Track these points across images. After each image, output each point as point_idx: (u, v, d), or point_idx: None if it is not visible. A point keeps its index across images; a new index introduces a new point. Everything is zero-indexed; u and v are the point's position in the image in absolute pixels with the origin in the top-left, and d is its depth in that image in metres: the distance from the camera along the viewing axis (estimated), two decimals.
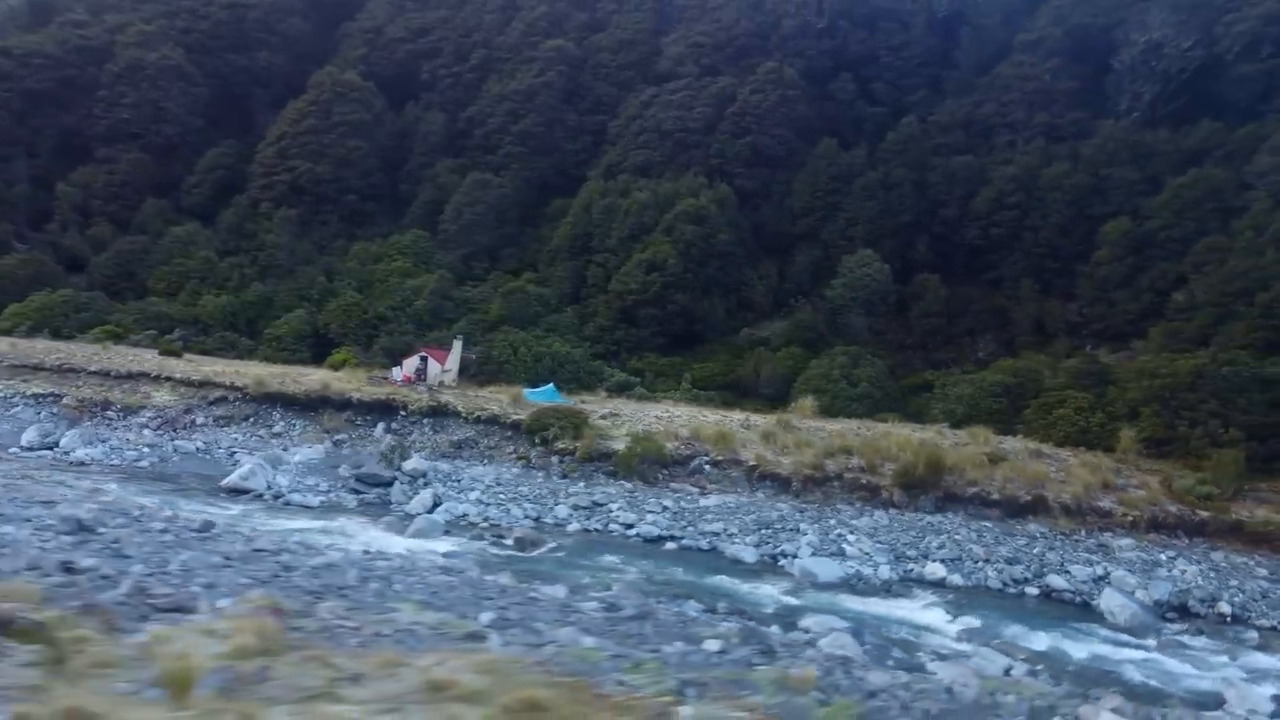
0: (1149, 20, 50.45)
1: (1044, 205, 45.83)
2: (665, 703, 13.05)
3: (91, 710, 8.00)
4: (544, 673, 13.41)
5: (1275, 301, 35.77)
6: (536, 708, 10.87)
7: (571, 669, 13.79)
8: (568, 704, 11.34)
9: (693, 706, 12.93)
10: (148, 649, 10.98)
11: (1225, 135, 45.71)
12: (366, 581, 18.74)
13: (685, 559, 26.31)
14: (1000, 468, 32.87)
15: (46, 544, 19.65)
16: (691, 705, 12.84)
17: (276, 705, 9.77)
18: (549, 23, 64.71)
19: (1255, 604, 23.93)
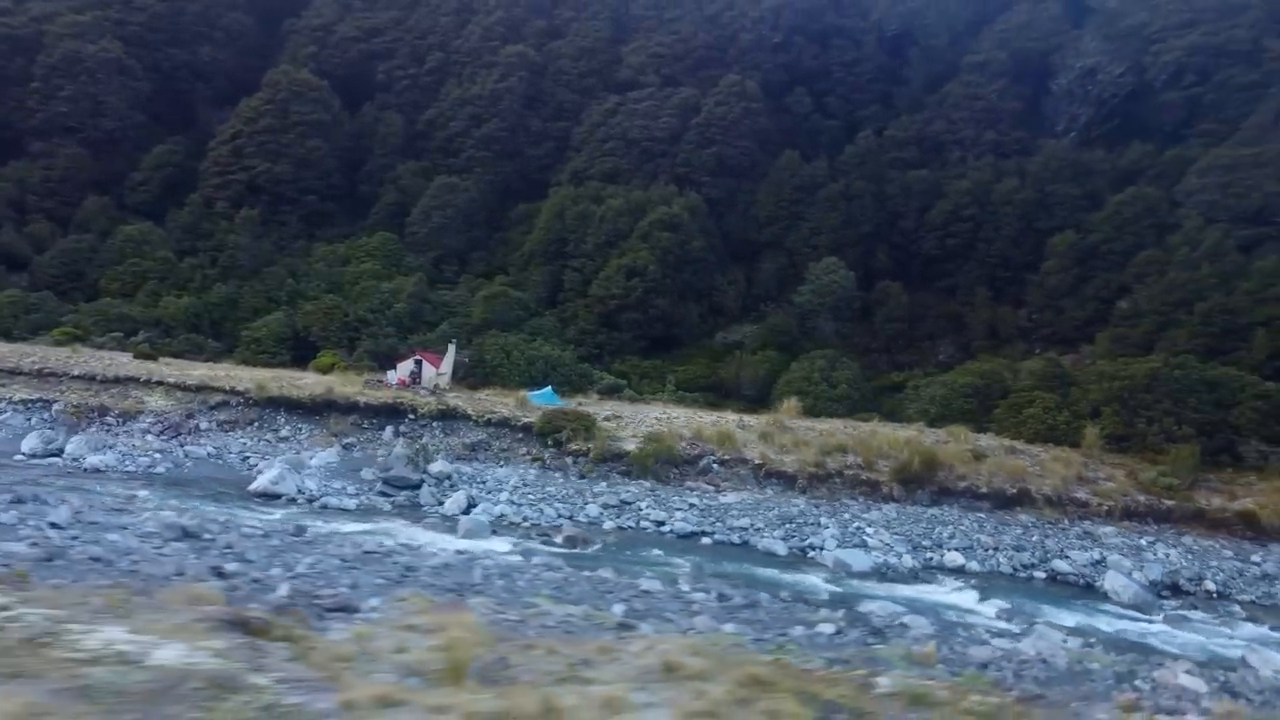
0: (1083, 47, 54.66)
1: (996, 218, 49.30)
2: (863, 675, 15.03)
3: (398, 697, 9.62)
4: (739, 654, 15.31)
5: (1213, 311, 39.77)
6: (761, 683, 12.76)
7: (734, 652, 15.60)
8: (785, 679, 13.29)
9: (888, 677, 14.87)
10: (364, 644, 12.39)
11: (1155, 157, 50.04)
12: (490, 579, 20.04)
13: (723, 553, 28.08)
14: (984, 463, 35.76)
15: (162, 550, 20.38)
16: (887, 676, 14.77)
17: (542, 688, 11.44)
18: (506, 28, 65.44)
19: (1234, 581, 27.15)
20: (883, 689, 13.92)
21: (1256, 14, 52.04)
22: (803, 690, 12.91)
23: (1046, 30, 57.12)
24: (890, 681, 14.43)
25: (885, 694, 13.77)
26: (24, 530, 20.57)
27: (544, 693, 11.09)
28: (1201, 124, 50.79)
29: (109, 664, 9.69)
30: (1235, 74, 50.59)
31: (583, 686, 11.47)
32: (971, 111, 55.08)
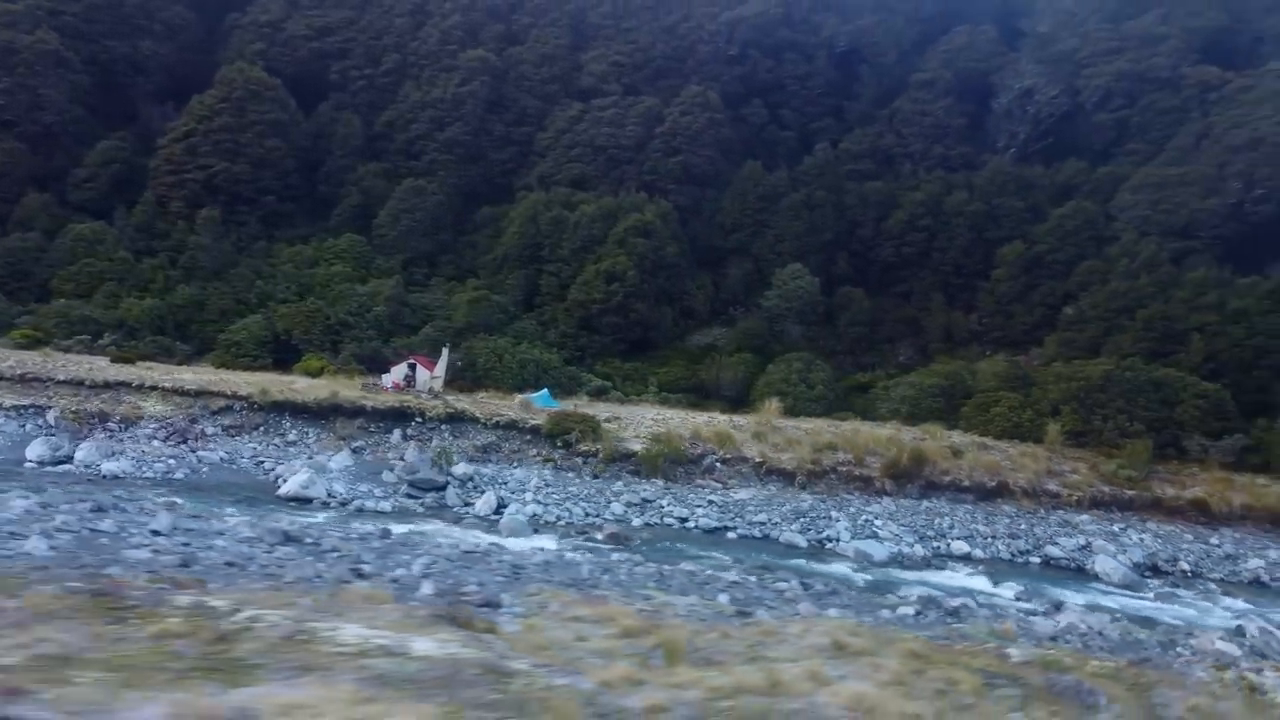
0: (1020, 69, 58.69)
1: (948, 229, 52.66)
2: (991, 648, 17.36)
3: (640, 677, 11.61)
4: (889, 633, 17.54)
5: (1153, 317, 43.75)
6: (919, 657, 15.02)
7: (884, 632, 17.79)
8: (936, 653, 15.56)
9: (1016, 647, 17.19)
10: (544, 634, 14.19)
11: (1089, 173, 54.26)
12: (597, 574, 21.52)
13: (751, 546, 30.06)
14: (963, 459, 38.73)
15: (273, 553, 21.24)
16: (1015, 646, 17.11)
17: (739, 666, 13.50)
18: (464, 32, 65.93)
19: (1204, 562, 30.55)
20: (1016, 658, 16.42)
21: (1175, 44, 56.89)
22: (954, 662, 15.31)
23: (986, 52, 61.05)
24: (1019, 652, 16.91)
25: (1021, 662, 16.24)
26: (134, 538, 21.11)
27: (764, 668, 13.15)
28: (1129, 144, 55.32)
29: (380, 656, 11.39)
30: (1159, 99, 55.29)
31: (771, 664, 13.55)
32: (921, 127, 58.54)
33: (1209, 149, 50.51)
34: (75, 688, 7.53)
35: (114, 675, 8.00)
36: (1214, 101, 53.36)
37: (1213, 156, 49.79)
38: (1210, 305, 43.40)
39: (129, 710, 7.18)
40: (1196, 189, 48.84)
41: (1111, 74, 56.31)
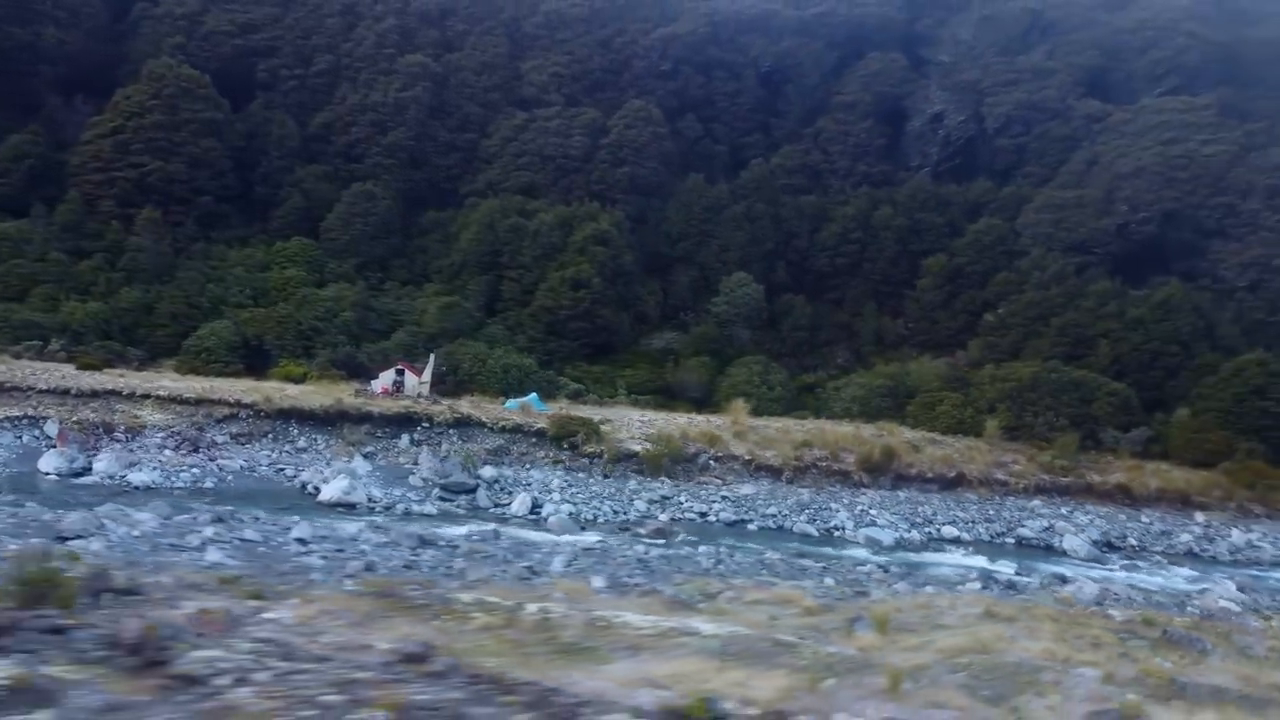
0: (931, 95, 64.36)
1: (877, 241, 57.53)
2: (1093, 611, 21.30)
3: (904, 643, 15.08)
4: (1019, 603, 21.23)
5: (1066, 325, 49.74)
6: (1055, 620, 18.89)
7: (1016, 601, 21.40)
8: (1063, 617, 19.47)
9: (1115, 609, 21.08)
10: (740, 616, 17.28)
11: (995, 193, 60.35)
12: (717, 564, 24.18)
13: (770, 536, 33.21)
14: (923, 453, 43.22)
15: (420, 555, 23.00)
16: (1114, 609, 20.97)
17: (936, 631, 17.07)
18: (400, 35, 66.16)
19: (1145, 537, 35.90)
20: (1120, 618, 20.42)
21: (1062, 78, 63.87)
22: (1082, 623, 19.32)
23: (898, 78, 66.44)
24: (1118, 613, 20.93)
25: (1125, 621, 20.26)
26: (288, 547, 22.32)
27: (964, 633, 16.79)
28: (1028, 167, 61.84)
29: (679, 635, 14.47)
30: (1051, 127, 62.02)
31: (964, 630, 17.17)
32: (845, 146, 63.33)
33: (1099, 174, 57.33)
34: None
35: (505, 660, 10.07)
36: (1099, 131, 60.46)
37: (1102, 182, 56.59)
38: (1112, 314, 49.71)
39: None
40: (1091, 210, 55.45)
41: (1011, 103, 62.73)
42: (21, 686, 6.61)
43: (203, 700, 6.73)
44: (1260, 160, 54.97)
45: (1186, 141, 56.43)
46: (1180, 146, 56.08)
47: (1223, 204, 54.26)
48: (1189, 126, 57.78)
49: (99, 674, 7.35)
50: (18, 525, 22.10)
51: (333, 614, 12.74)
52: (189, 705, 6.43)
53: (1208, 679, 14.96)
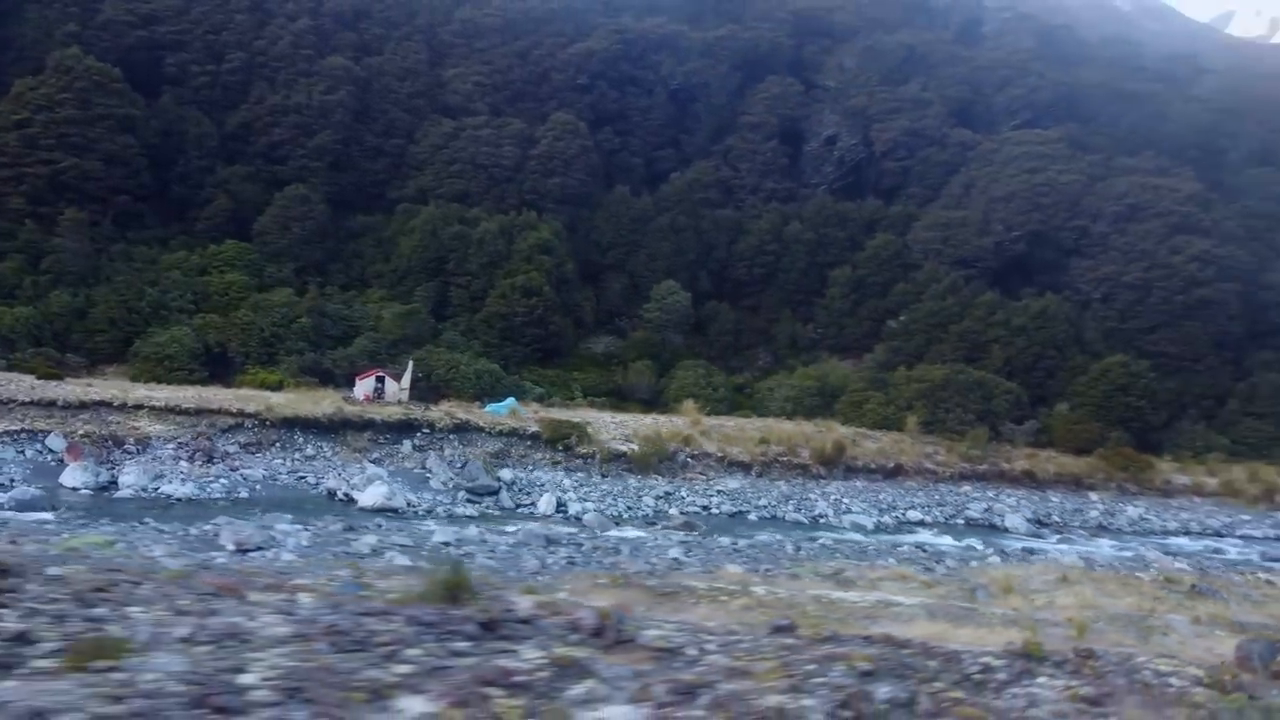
0: (825, 119, 70.57)
1: (789, 253, 62.97)
2: (1130, 574, 26.92)
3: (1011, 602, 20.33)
4: (1083, 570, 26.50)
5: (964, 331, 56.84)
6: (1108, 580, 24.54)
7: (1078, 569, 26.54)
8: (1119, 579, 25.18)
9: (1142, 572, 26.70)
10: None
11: (885, 211, 67.20)
12: (799, 552, 28.04)
13: (770, 525, 37.33)
14: (863, 447, 48.68)
15: (555, 554, 25.87)
16: (1144, 573, 26.61)
17: (1043, 593, 22.35)
18: (317, 36, 65.67)
19: (1064, 515, 42.61)
20: (1147, 578, 26.20)
21: (938, 108, 71.68)
22: (1127, 583, 25.11)
23: (795, 102, 72.24)
24: (1145, 575, 26.72)
25: (1151, 581, 26.06)
26: (442, 550, 24.45)
27: (1067, 593, 22.20)
28: (912, 188, 69.13)
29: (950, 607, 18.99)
30: (931, 153, 69.59)
31: (1063, 591, 22.41)
32: (753, 164, 68.45)
33: (976, 197, 65.17)
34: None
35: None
36: (972, 159, 68.50)
37: (980, 204, 64.43)
38: (1000, 322, 57.18)
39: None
40: (972, 229, 63.08)
41: (895, 130, 69.83)
42: (563, 663, 9.13)
43: (693, 665, 9.62)
44: (1105, 189, 64.30)
45: (1046, 170, 65.10)
46: (1041, 175, 64.66)
47: (1078, 226, 63.16)
48: (1045, 157, 66.60)
49: (593, 651, 10.29)
50: (183, 542, 23.19)
51: (636, 601, 15.97)
52: (692, 668, 9.29)
53: (1249, 618, 20.27)
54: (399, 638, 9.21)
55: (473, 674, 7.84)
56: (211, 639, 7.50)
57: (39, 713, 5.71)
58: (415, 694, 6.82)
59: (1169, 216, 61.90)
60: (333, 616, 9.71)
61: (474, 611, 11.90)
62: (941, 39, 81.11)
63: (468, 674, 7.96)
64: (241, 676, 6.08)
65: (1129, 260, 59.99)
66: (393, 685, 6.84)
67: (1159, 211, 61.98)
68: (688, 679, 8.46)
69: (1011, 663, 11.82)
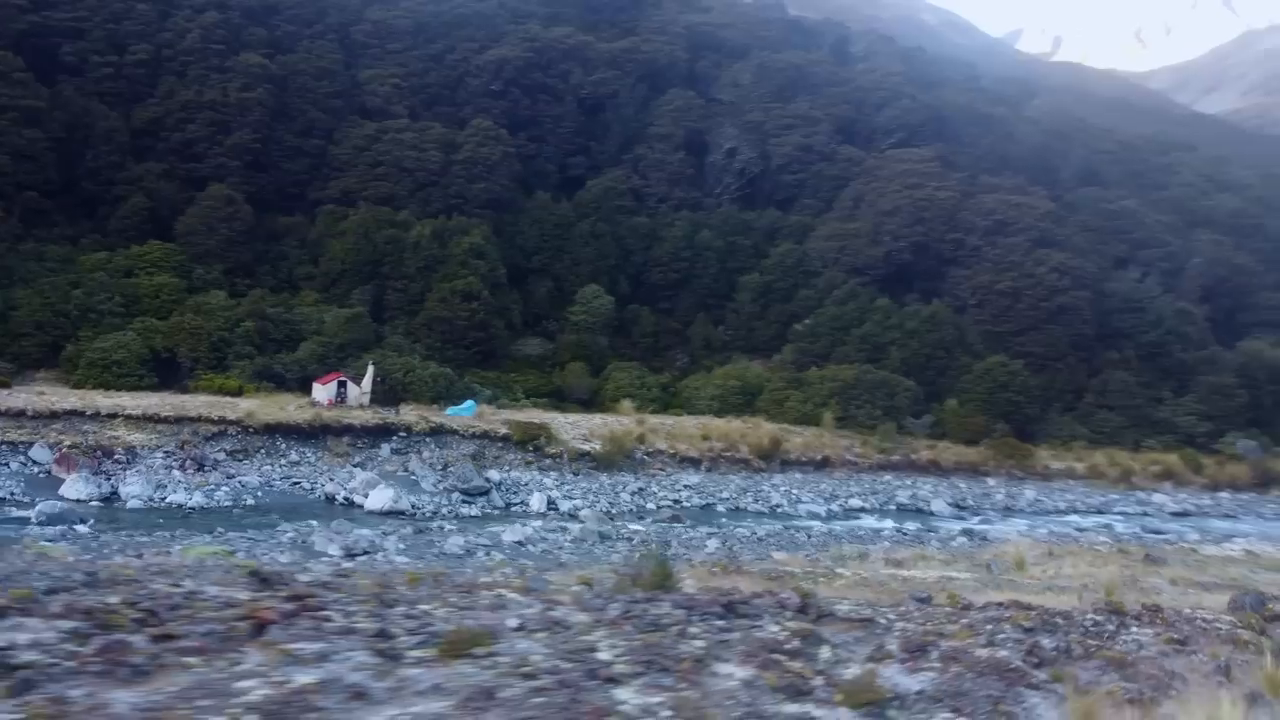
0: (725, 133, 74.89)
1: (702, 260, 66.92)
2: (1084, 546, 32.46)
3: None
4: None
5: (866, 334, 62.40)
6: (1100, 556, 29.96)
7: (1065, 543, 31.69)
8: (1083, 550, 30.75)
9: (1108, 541, 32.09)
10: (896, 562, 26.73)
11: (784, 221, 72.19)
12: (809, 539, 31.70)
13: (739, 515, 40.94)
14: (791, 441, 53.07)
15: (614, 546, 28.60)
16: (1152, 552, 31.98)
17: (1046, 566, 27.66)
18: (227, 31, 64.06)
19: (976, 499, 48.31)
20: (1105, 549, 31.83)
21: (826, 125, 77.45)
22: (1100, 555, 30.64)
23: (698, 114, 76.15)
24: (1104, 547, 32.33)
25: (1115, 552, 31.40)
26: (538, 546, 26.74)
27: (1068, 566, 27.57)
28: (806, 200, 74.48)
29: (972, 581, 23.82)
30: (823, 168, 75.20)
31: (1044, 565, 27.63)
32: (663, 173, 71.89)
33: (866, 210, 71.15)
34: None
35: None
36: (859, 173, 74.55)
37: (870, 217, 70.42)
38: (895, 326, 63.14)
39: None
40: (864, 239, 68.99)
41: (790, 144, 75.01)
42: (802, 634, 12.54)
43: (890, 631, 13.32)
44: (975, 205, 71.67)
45: (924, 187, 71.84)
46: (921, 191, 71.33)
47: (954, 239, 70.18)
48: (923, 174, 73.41)
49: (810, 624, 13.81)
50: (282, 548, 24.46)
51: (761, 585, 19.28)
52: (890, 633, 13.02)
53: (1206, 579, 25.42)
54: (676, 620, 12.25)
55: (751, 645, 10.86)
56: (539, 627, 10.33)
57: (487, 691, 8.35)
58: (724, 662, 9.81)
59: (1030, 231, 69.82)
60: (616, 606, 12.75)
61: (716, 596, 15.18)
62: (822, 60, 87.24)
63: (746, 645, 10.97)
64: (598, 654, 8.69)
65: (999, 270, 67.33)
66: (702, 656, 9.75)
67: (1022, 226, 69.81)
68: (914, 640, 11.84)
69: (1109, 618, 15.82)
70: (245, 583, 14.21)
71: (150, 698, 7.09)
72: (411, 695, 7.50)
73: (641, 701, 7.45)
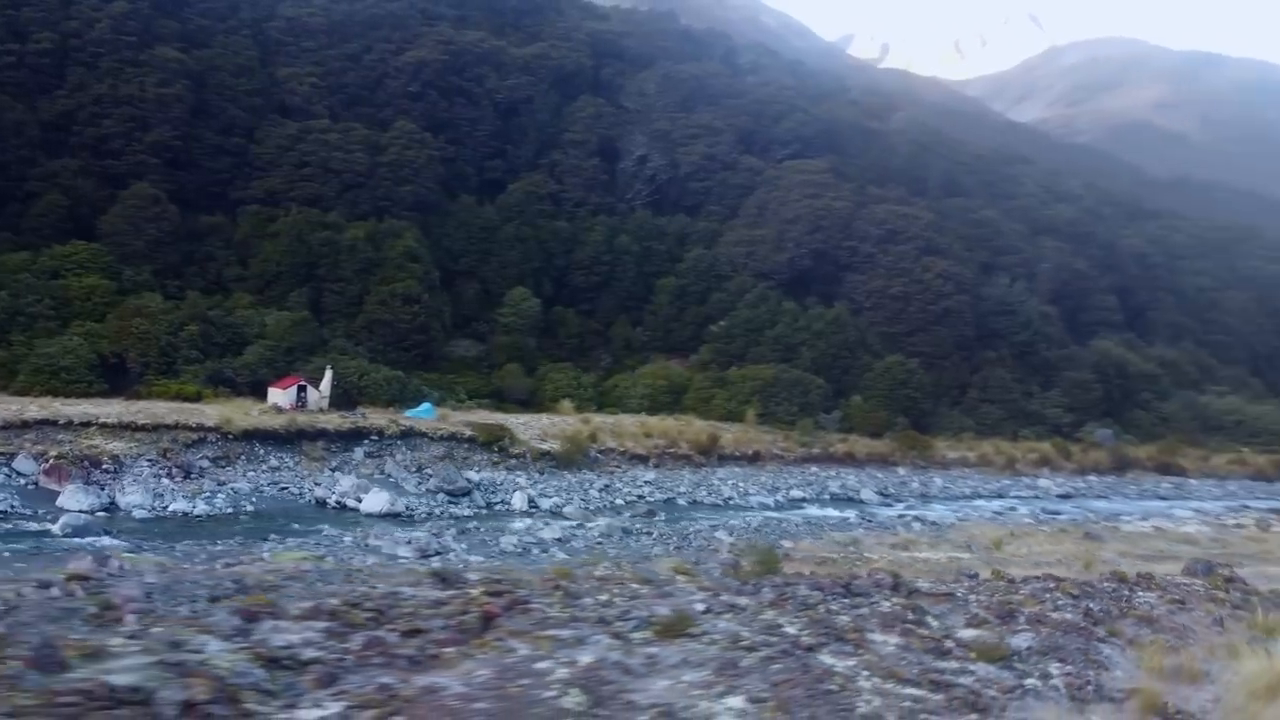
0: (635, 140, 77.81)
1: (621, 263, 69.68)
2: (1052, 529, 37.55)
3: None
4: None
5: (778, 335, 66.73)
6: (1051, 535, 35.16)
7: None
8: (1055, 535, 35.90)
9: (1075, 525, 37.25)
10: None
11: (693, 226, 75.80)
12: (801, 527, 35.15)
13: (700, 509, 44.05)
14: (725, 437, 56.60)
15: (641, 540, 31.24)
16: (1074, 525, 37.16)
17: (1019, 545, 32.92)
18: (138, 22, 61.81)
19: (896, 488, 53.11)
20: (1073, 532, 37.02)
21: (728, 136, 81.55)
22: (1050, 534, 36.09)
23: (609, 121, 78.64)
24: (1049, 529, 37.73)
25: (1061, 531, 36.85)
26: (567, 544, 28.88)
27: (1045, 546, 32.53)
28: (712, 206, 78.36)
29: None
30: (727, 176, 79.25)
31: (1014, 543, 32.68)
32: (579, 179, 74.07)
33: (770, 217, 75.69)
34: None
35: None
36: (761, 182, 79.03)
37: (774, 224, 75.00)
38: (804, 327, 67.86)
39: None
40: (770, 246, 73.50)
41: (697, 153, 78.71)
42: (908, 608, 16.57)
43: (966, 603, 17.37)
44: (868, 215, 77.45)
45: (822, 197, 77.06)
46: (819, 200, 76.51)
47: (850, 246, 75.67)
48: (819, 185, 78.65)
49: (906, 600, 17.61)
50: (357, 552, 25.88)
51: (802, 568, 22.86)
52: (968, 606, 17.15)
53: (1147, 551, 30.38)
54: (817, 599, 15.47)
55: (880, 617, 14.22)
56: (721, 609, 13.48)
57: (732, 661, 11.38)
58: (875, 632, 13.14)
59: (917, 240, 76.12)
60: (768, 590, 15.96)
61: (826, 579, 18.64)
62: (720, 72, 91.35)
63: (877, 618, 14.34)
64: (785, 629, 11.76)
65: (891, 276, 73.23)
66: (858, 627, 13.03)
67: (910, 235, 76.02)
68: (997, 608, 15.45)
69: (1119, 585, 19.86)
70: (430, 582, 16.79)
71: (467, 680, 8.92)
72: (667, 669, 10.15)
73: (842, 665, 10.26)
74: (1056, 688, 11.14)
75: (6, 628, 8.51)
